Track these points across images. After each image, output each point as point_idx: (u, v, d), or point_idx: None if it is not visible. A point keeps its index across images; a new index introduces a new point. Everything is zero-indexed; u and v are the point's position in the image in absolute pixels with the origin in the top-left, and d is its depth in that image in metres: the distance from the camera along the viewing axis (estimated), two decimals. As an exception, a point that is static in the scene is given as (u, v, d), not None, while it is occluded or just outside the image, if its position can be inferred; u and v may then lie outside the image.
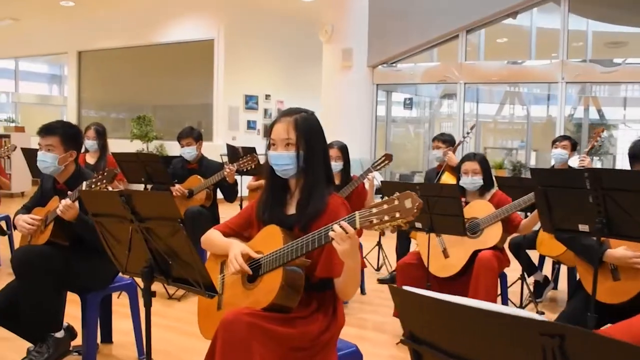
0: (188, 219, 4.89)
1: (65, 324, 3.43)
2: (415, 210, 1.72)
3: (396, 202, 1.76)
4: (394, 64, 10.28)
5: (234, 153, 6.45)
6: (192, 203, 5.13)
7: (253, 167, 5.10)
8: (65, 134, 3.26)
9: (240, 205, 5.87)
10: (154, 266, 1.99)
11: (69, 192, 3.07)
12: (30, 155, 5.39)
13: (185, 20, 12.41)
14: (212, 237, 2.41)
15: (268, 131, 2.36)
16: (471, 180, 4.04)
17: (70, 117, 14.21)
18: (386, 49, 10.06)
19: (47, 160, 3.22)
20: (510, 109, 13.65)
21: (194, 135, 5.25)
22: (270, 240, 2.20)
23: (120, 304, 4.02)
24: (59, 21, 13.62)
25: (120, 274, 3.47)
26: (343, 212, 2.16)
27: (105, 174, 2.94)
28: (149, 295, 1.92)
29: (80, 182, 3.11)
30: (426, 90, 12.16)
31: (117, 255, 2.18)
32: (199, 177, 5.18)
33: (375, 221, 1.80)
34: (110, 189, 2.95)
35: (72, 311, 3.52)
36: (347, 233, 1.90)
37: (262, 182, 6.52)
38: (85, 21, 13.39)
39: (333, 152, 4.75)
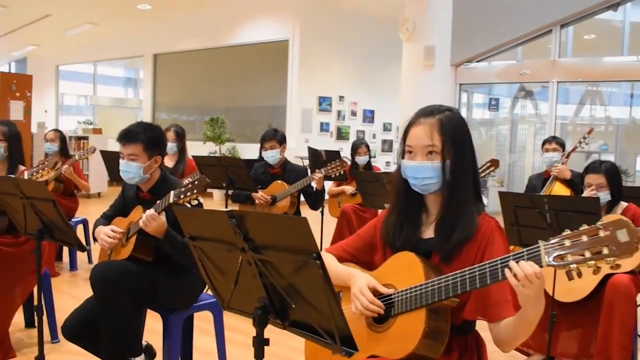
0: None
1: (144, 342, 3.17)
2: (635, 246, 1.24)
3: (604, 233, 1.29)
4: (478, 63, 9.68)
5: (315, 156, 6.07)
6: (275, 210, 4.78)
7: (342, 172, 4.71)
8: (148, 140, 2.94)
9: (322, 212, 5.48)
10: (268, 307, 1.57)
11: (157, 202, 2.75)
12: (109, 158, 5.18)
13: (260, 21, 12.19)
14: (327, 264, 2.00)
15: (402, 135, 1.92)
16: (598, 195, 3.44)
17: (145, 120, 14.27)
18: (471, 47, 9.47)
19: (131, 171, 2.92)
20: (591, 110, 12.72)
21: (277, 137, 4.89)
22: (406, 271, 1.78)
23: (198, 317, 3.70)
24: (136, 25, 13.70)
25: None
26: (498, 237, 1.72)
27: (196, 182, 2.60)
28: (262, 343, 1.50)
29: (166, 190, 2.79)
30: (498, 90, 11.48)
31: (218, 288, 1.80)
32: (282, 182, 4.82)
33: (571, 258, 1.32)
34: (201, 200, 2.60)
35: (150, 324, 3.26)
36: (530, 273, 1.46)
37: (344, 187, 6.13)
38: (160, 24, 13.42)
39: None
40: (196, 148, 9.41)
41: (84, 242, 5.77)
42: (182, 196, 2.61)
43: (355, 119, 12.61)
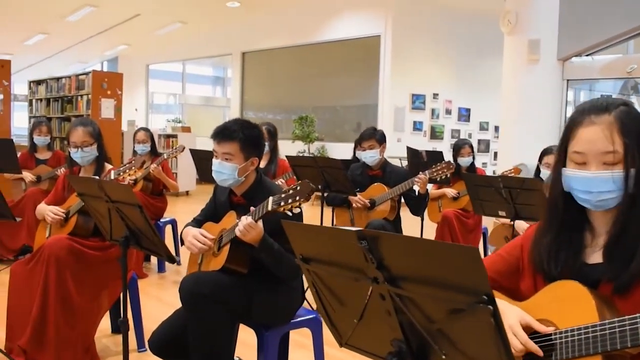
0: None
1: (235, 358, 2.89)
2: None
3: None
4: (585, 57, 8.86)
5: (415, 157, 5.61)
6: (374, 215, 4.38)
7: (448, 175, 4.25)
8: (246, 139, 2.62)
9: (422, 217, 5.02)
10: (405, 354, 1.17)
11: (251, 208, 2.41)
12: (199, 157, 4.95)
13: (350, 16, 11.83)
14: None
15: (563, 138, 1.49)
16: None
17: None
18: (580, 39, 8.67)
19: (225, 172, 2.62)
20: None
21: (377, 136, 4.48)
22: (570, 306, 1.39)
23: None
24: (224, 23, 13.67)
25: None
26: None
27: (298, 188, 2.23)
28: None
29: (263, 195, 2.45)
30: (602, 87, 10.55)
31: (335, 320, 1.41)
32: (382, 185, 4.41)
33: None
34: (304, 207, 2.23)
35: (242, 335, 2.95)
36: None
37: (445, 190, 5.63)
38: (249, 22, 13.32)
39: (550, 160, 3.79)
40: (284, 147, 9.14)
41: (172, 246, 5.66)
42: (282, 203, 2.26)
43: (449, 117, 12.01)
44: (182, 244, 2.81)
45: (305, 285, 2.78)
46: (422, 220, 5.12)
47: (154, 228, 2.19)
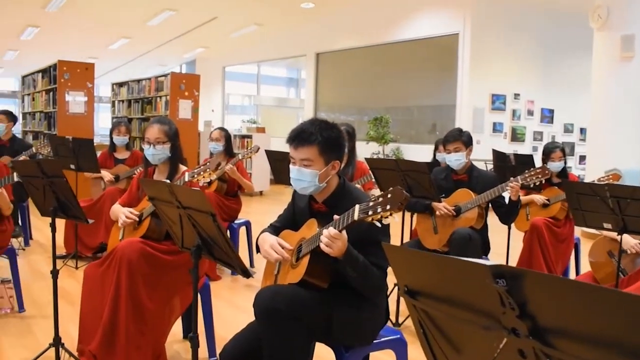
0: (456, 244, 3.87)
1: None
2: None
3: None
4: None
5: (502, 161, 5.26)
6: (459, 223, 4.08)
7: (543, 181, 3.91)
8: (325, 141, 2.41)
9: (508, 226, 4.68)
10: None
11: (335, 217, 2.20)
12: (274, 158, 4.81)
13: (427, 14, 11.48)
14: None
15: None
16: None
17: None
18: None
19: (304, 179, 2.42)
20: None
21: (463, 138, 4.18)
22: None
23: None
24: (299, 23, 13.61)
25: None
26: None
27: (389, 196, 2.01)
28: None
29: (347, 202, 2.25)
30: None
31: (437, 354, 1.18)
32: (468, 191, 4.11)
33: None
34: (396, 217, 2.00)
35: (319, 350, 2.77)
36: None
37: (533, 197, 5.24)
38: (324, 22, 13.19)
39: None
40: (358, 149, 8.93)
41: (246, 249, 5.55)
42: (370, 212, 2.03)
43: (532, 118, 11.44)
44: (258, 250, 2.65)
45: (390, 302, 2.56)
46: (509, 229, 4.79)
47: (227, 239, 2.02)
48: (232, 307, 4.40)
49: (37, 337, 3.67)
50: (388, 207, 2.00)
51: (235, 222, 5.44)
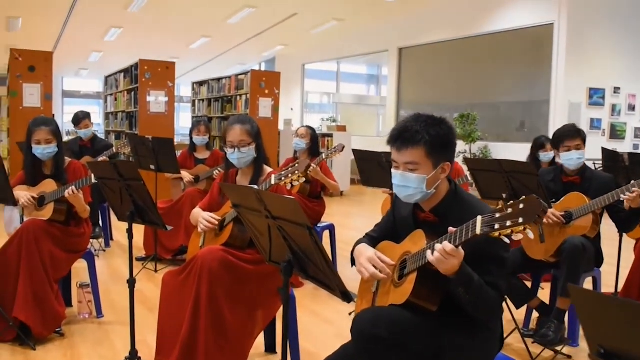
0: (568, 255, 3.41)
1: None
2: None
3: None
4: None
5: (612, 161, 4.70)
6: (571, 231, 3.60)
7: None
8: (433, 141, 2.04)
9: (620, 234, 4.14)
10: None
11: (450, 229, 1.84)
12: (361, 158, 4.47)
13: (518, 4, 10.83)
14: None
15: None
16: None
17: (389, 118, 13.76)
18: None
19: (410, 185, 2.06)
20: None
21: (583, 135, 3.73)
22: None
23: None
24: (380, 18, 13.21)
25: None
26: None
27: (522, 206, 1.62)
28: None
29: (460, 211, 1.89)
30: None
31: None
32: (581, 194, 3.62)
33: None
34: (530, 233, 1.62)
35: None
36: None
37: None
38: (406, 16, 12.74)
39: None
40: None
41: (331, 255, 5.24)
42: (497, 226, 1.66)
43: (633, 114, 10.58)
44: (353, 264, 2.32)
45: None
46: (621, 236, 4.25)
47: (326, 255, 1.70)
48: (317, 318, 4.10)
49: (114, 346, 3.51)
50: (521, 220, 1.61)
51: (319, 225, 5.15)
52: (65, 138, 8.76)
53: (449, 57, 12.61)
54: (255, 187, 2.15)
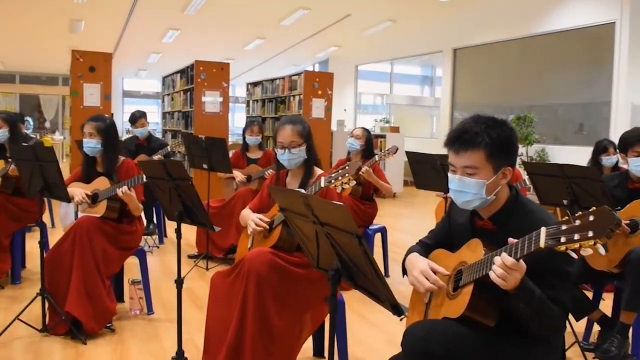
0: (634, 266, 3.22)
1: None
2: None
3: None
4: None
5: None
6: (637, 241, 3.40)
7: None
8: (494, 144, 1.93)
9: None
10: None
11: (510, 240, 1.73)
12: (415, 160, 4.36)
13: (576, 3, 10.43)
14: None
15: None
16: None
17: (442, 119, 13.52)
18: None
19: (469, 191, 1.96)
20: None
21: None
22: None
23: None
24: (435, 18, 12.98)
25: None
26: None
27: (592, 218, 1.50)
28: None
29: (522, 220, 1.79)
30: None
31: None
32: (649, 202, 3.42)
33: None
34: (601, 249, 1.49)
35: None
36: None
37: None
38: (462, 16, 12.47)
39: None
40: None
41: (381, 262, 5.15)
42: (563, 239, 1.55)
43: (702, 117, 10.03)
44: (404, 273, 2.23)
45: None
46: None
47: (376, 266, 1.61)
48: (366, 323, 4.02)
49: (162, 343, 3.53)
50: (591, 233, 1.49)
51: (370, 227, 5.07)
52: (124, 136, 8.96)
53: (505, 57, 12.28)
54: (303, 191, 2.08)
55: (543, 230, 1.61)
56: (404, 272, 2.23)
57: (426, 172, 4.26)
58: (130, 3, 11.10)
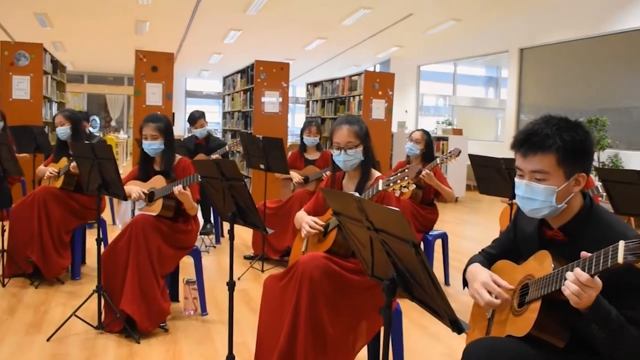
0: None
1: None
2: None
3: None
4: None
5: None
6: None
7: None
8: (566, 147, 1.76)
9: None
10: None
11: (583, 254, 1.57)
12: (478, 164, 4.17)
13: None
14: None
15: None
16: None
17: (508, 122, 13.08)
18: None
19: (537, 198, 1.80)
20: None
21: None
22: None
23: None
24: (502, 17, 12.58)
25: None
26: None
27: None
28: None
29: (596, 231, 1.62)
30: None
31: None
32: None
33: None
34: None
35: None
36: None
37: None
38: (530, 14, 12.04)
39: None
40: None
41: (441, 272, 4.96)
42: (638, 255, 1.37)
43: None
44: (465, 285, 2.08)
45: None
46: None
47: (434, 278, 1.47)
48: (425, 334, 3.85)
49: (215, 345, 3.48)
50: None
51: (430, 233, 4.89)
52: (185, 135, 9.07)
53: (575, 57, 11.77)
54: (357, 194, 1.96)
55: (621, 244, 1.44)
56: (465, 283, 2.08)
57: (490, 176, 4.06)
58: (194, 4, 11.25)
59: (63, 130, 4.68)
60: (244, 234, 6.34)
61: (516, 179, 1.86)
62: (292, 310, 2.60)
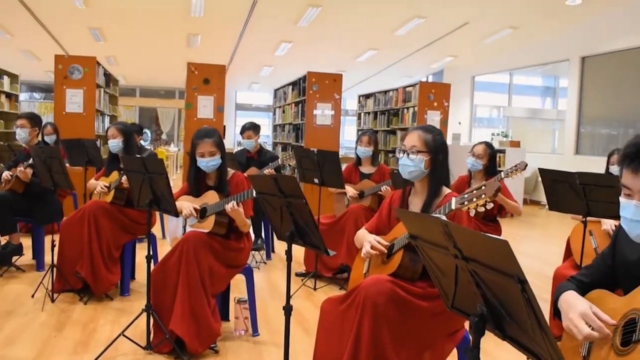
0: None
1: None
2: None
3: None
4: None
5: None
6: None
7: None
8: None
9: None
10: None
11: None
12: (550, 179, 3.85)
13: None
14: None
15: None
16: None
17: (567, 134, 12.52)
18: None
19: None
20: None
21: None
22: None
23: None
24: (561, 24, 12.09)
25: None
26: None
27: None
28: None
29: None
30: None
31: None
32: None
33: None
34: None
35: None
36: None
37: None
38: (592, 20, 11.52)
39: None
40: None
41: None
42: None
43: None
44: (555, 314, 1.82)
45: None
46: None
47: (542, 320, 1.23)
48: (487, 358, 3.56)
49: (268, 370, 3.28)
50: None
51: (493, 251, 4.59)
52: (236, 149, 9.00)
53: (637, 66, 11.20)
54: (443, 217, 1.74)
55: None
56: (556, 312, 1.82)
57: (563, 192, 3.74)
58: (245, 16, 11.23)
59: (115, 143, 4.60)
60: (296, 251, 6.12)
61: (622, 199, 1.60)
62: (353, 338, 2.38)
